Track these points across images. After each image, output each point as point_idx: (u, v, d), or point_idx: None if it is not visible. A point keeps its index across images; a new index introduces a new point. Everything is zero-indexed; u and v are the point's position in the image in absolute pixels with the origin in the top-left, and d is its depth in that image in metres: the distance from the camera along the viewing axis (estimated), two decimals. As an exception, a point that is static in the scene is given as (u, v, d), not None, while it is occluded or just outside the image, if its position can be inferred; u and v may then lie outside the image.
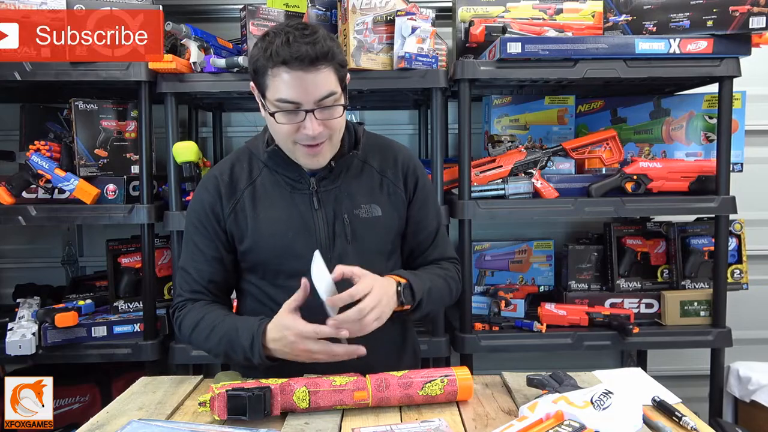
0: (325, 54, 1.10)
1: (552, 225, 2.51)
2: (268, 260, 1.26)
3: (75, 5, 1.80)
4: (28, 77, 1.81)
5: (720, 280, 1.95)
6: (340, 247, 1.25)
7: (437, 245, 1.37)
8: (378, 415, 1.08)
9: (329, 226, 1.25)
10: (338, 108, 1.16)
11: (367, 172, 1.31)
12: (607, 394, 0.97)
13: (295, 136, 1.17)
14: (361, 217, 1.27)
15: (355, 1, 1.81)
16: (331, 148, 1.22)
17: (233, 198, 1.27)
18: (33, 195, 1.97)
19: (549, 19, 2.04)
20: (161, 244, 2.10)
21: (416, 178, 1.34)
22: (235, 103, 2.38)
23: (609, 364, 2.57)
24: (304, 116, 1.13)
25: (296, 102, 1.12)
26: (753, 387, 2.19)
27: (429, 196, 1.37)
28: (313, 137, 1.15)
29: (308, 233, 1.25)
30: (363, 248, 1.26)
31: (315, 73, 1.10)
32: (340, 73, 1.16)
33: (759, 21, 1.74)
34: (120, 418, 1.08)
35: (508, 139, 2.11)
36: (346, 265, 1.18)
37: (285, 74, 1.10)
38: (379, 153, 1.33)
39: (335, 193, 1.27)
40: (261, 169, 1.29)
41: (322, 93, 1.12)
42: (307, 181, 1.26)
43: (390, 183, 1.31)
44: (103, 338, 1.95)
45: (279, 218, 1.25)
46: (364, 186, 1.29)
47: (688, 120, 2.17)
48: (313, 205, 1.26)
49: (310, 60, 1.09)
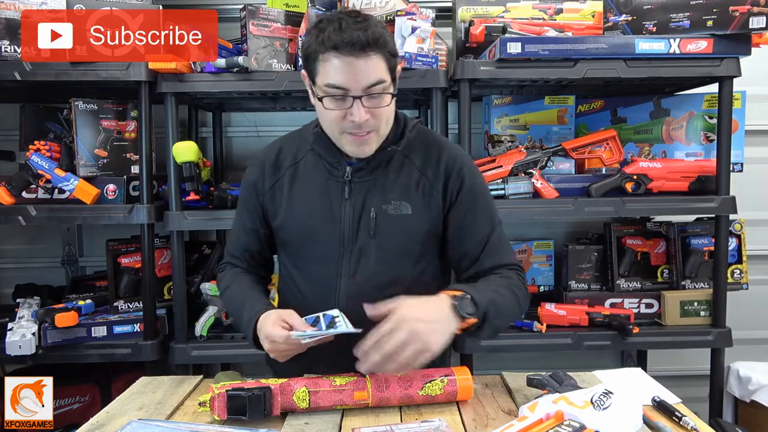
0: (376, 40, 1.10)
1: (552, 225, 2.51)
2: (292, 241, 1.30)
3: (75, 5, 1.80)
4: (28, 77, 1.82)
5: (720, 280, 1.95)
6: (362, 240, 1.24)
7: (491, 252, 1.26)
8: (378, 415, 1.08)
9: (355, 217, 1.24)
10: (386, 97, 1.15)
11: (407, 168, 1.26)
12: (607, 394, 0.97)
13: (341, 124, 1.16)
14: (389, 213, 1.24)
15: (355, 1, 1.81)
16: (378, 138, 1.20)
17: (275, 176, 1.30)
18: (33, 195, 1.97)
19: (549, 19, 2.04)
20: (161, 244, 2.10)
21: (461, 180, 1.26)
22: (235, 103, 2.38)
23: (609, 364, 2.56)
24: (351, 103, 1.13)
25: (344, 87, 1.12)
26: (753, 387, 2.18)
27: (477, 200, 1.28)
28: (360, 125, 1.14)
29: (333, 222, 1.25)
30: (385, 245, 1.24)
31: (365, 59, 1.10)
32: (390, 62, 1.15)
33: (759, 21, 1.74)
34: (120, 418, 1.08)
35: (508, 139, 2.11)
36: (367, 260, 1.22)
37: (335, 59, 1.10)
38: (424, 150, 1.28)
39: (368, 186, 1.25)
40: (306, 151, 1.30)
41: (371, 80, 1.12)
42: (342, 169, 1.25)
43: (428, 183, 1.26)
44: (103, 338, 1.95)
45: (309, 202, 1.27)
46: (400, 182, 1.25)
47: (688, 120, 2.17)
48: (344, 195, 1.25)
49: (360, 45, 1.08)
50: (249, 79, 1.87)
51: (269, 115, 2.51)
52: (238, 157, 2.53)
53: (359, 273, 1.24)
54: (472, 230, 1.27)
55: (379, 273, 1.25)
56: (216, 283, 1.43)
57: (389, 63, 1.14)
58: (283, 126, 2.51)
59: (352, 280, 1.24)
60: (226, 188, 2.03)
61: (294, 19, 1.95)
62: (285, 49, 1.93)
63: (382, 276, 1.25)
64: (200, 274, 2.17)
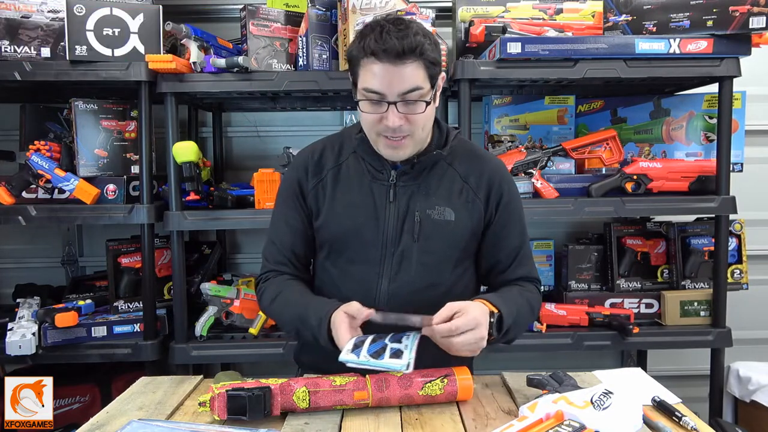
0: (413, 49, 1.12)
1: (552, 225, 2.51)
2: (334, 240, 1.31)
3: (75, 5, 1.80)
4: (28, 77, 1.82)
5: (720, 280, 1.95)
6: (405, 243, 1.27)
7: (520, 264, 1.33)
8: (378, 415, 1.08)
9: (399, 220, 1.26)
10: (421, 104, 1.17)
11: (450, 175, 1.30)
12: (607, 394, 0.97)
13: (377, 127, 1.19)
14: (433, 218, 1.26)
15: (355, 1, 1.81)
16: (413, 143, 1.22)
17: (318, 176, 1.32)
18: (33, 195, 1.97)
19: (549, 19, 2.04)
20: (161, 244, 2.10)
21: (501, 194, 1.31)
22: (235, 103, 2.38)
23: (609, 364, 2.56)
24: (386, 108, 1.16)
25: (380, 93, 1.15)
26: (753, 387, 2.18)
27: (513, 214, 1.33)
28: (394, 130, 1.17)
29: (377, 223, 1.27)
30: (428, 249, 1.27)
31: (401, 66, 1.12)
32: (430, 70, 1.16)
33: (759, 21, 1.74)
34: (120, 418, 1.08)
35: (508, 139, 2.11)
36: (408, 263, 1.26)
37: (373, 65, 1.14)
38: (468, 159, 1.32)
39: (412, 189, 1.27)
40: (349, 154, 1.32)
41: (406, 87, 1.14)
42: (388, 173, 1.28)
43: (470, 191, 1.29)
44: (103, 338, 1.95)
45: (353, 202, 1.29)
46: (443, 188, 1.28)
47: (688, 120, 2.17)
48: (389, 197, 1.27)
49: (396, 53, 1.11)
50: (249, 79, 1.87)
51: (269, 115, 2.51)
52: (238, 157, 2.53)
53: (401, 275, 1.27)
54: (507, 242, 1.32)
55: (419, 276, 1.27)
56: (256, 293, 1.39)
57: (428, 71, 1.16)
58: (283, 126, 2.52)
59: (393, 282, 1.27)
60: (226, 188, 2.03)
61: (294, 19, 1.95)
62: (285, 49, 1.93)
63: (422, 279, 1.28)
64: (200, 274, 2.17)
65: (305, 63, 1.90)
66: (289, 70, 1.93)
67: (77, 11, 1.81)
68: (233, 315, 2.00)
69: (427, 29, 1.20)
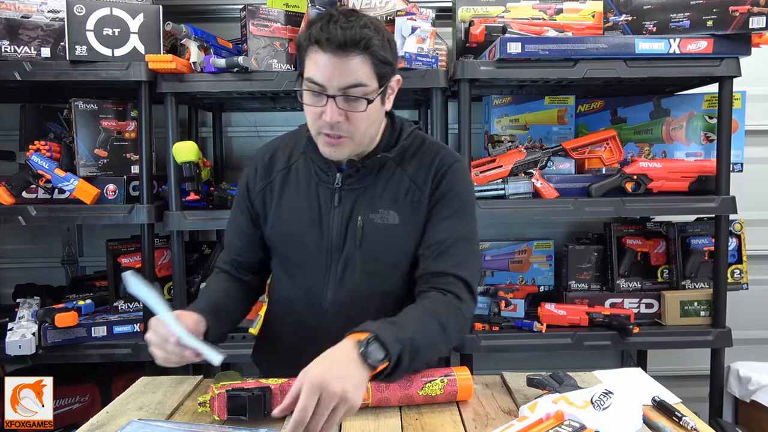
0: (357, 41, 1.05)
1: (552, 225, 2.51)
2: (280, 245, 1.28)
3: (75, 5, 1.80)
4: (28, 77, 1.82)
5: (720, 280, 1.95)
6: (348, 249, 1.21)
7: (441, 258, 1.18)
8: (378, 415, 1.08)
9: (342, 226, 1.21)
10: (363, 102, 1.10)
11: (397, 176, 1.22)
12: (607, 394, 0.97)
13: (317, 123, 1.13)
14: (375, 222, 1.20)
15: (355, 1, 1.81)
16: (352, 145, 1.15)
17: (267, 179, 1.29)
18: (33, 195, 1.96)
19: (549, 19, 2.04)
20: (161, 244, 2.10)
21: (439, 184, 1.21)
22: (235, 103, 2.38)
23: (609, 364, 2.56)
24: (325, 101, 1.10)
25: (320, 84, 1.09)
26: (753, 387, 2.18)
27: (451, 202, 1.21)
28: (331, 126, 1.11)
29: (321, 229, 1.23)
30: (371, 256, 1.21)
31: (344, 58, 1.06)
32: (378, 68, 1.09)
33: (759, 21, 1.74)
34: (120, 418, 1.08)
35: (508, 139, 2.11)
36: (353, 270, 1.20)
37: (316, 54, 1.08)
38: (419, 158, 1.24)
39: (357, 193, 1.22)
40: (299, 155, 1.28)
41: (348, 81, 1.08)
42: (333, 176, 1.22)
43: (417, 191, 1.21)
44: (103, 338, 1.95)
45: (299, 207, 1.25)
46: (389, 190, 1.21)
47: (688, 120, 2.16)
48: (333, 202, 1.22)
49: (338, 44, 1.05)
50: (249, 79, 1.87)
51: (269, 115, 2.51)
52: (238, 157, 2.53)
53: (345, 283, 1.22)
54: (433, 232, 1.20)
55: (365, 284, 1.21)
56: None
57: (376, 68, 1.09)
58: (283, 126, 2.51)
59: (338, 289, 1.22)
60: (226, 188, 2.03)
61: (294, 19, 1.95)
62: (285, 49, 1.93)
63: (369, 287, 1.21)
64: (200, 274, 2.17)
65: (305, 63, 1.90)
66: (289, 70, 1.93)
67: (77, 11, 1.81)
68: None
69: (382, 26, 1.13)
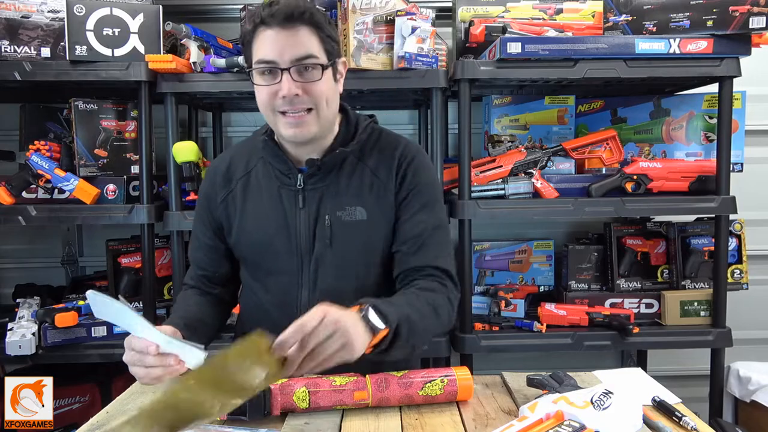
0: (302, 13, 1.09)
1: (552, 225, 2.51)
2: (248, 253, 1.27)
3: (75, 5, 1.80)
4: (28, 77, 1.82)
5: (720, 280, 1.95)
6: (318, 250, 1.21)
7: (418, 252, 1.19)
8: (378, 415, 1.08)
9: (310, 227, 1.21)
10: (317, 71, 1.11)
11: (359, 170, 1.22)
12: (607, 394, 0.97)
13: (274, 102, 1.13)
14: (343, 219, 1.20)
15: (355, 1, 1.81)
16: (317, 121, 1.15)
17: (227, 188, 1.27)
18: (33, 195, 1.96)
19: (549, 19, 2.04)
20: (161, 244, 2.10)
21: (404, 177, 1.22)
22: (235, 103, 2.38)
23: (609, 364, 2.56)
24: (280, 76, 1.11)
25: (272, 61, 1.10)
26: (753, 387, 2.18)
27: (420, 194, 1.22)
28: (291, 101, 1.11)
29: (289, 233, 1.22)
30: (343, 254, 1.20)
31: (291, 30, 1.09)
32: (326, 43, 1.13)
33: (759, 21, 1.74)
34: (120, 419, 1.07)
35: (508, 139, 2.11)
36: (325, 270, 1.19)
37: (262, 33, 1.11)
38: (378, 151, 1.24)
39: (321, 192, 1.21)
40: (257, 160, 1.27)
41: (299, 53, 1.10)
42: (294, 177, 1.22)
43: (381, 184, 1.22)
44: (103, 338, 1.95)
45: (263, 214, 1.23)
46: (353, 186, 1.21)
47: (688, 120, 2.16)
48: (298, 203, 1.21)
49: (284, 16, 1.08)
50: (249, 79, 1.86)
51: (269, 115, 2.51)
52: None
53: (319, 284, 1.21)
54: (408, 226, 1.21)
55: (340, 283, 1.21)
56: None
57: (324, 44, 1.13)
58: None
59: (313, 291, 1.21)
60: (226, 188, 2.03)
61: (294, 19, 1.95)
62: (285, 49, 1.93)
63: (344, 286, 1.21)
64: (200, 274, 2.17)
65: (305, 63, 1.90)
66: (289, 70, 1.92)
67: (77, 11, 1.81)
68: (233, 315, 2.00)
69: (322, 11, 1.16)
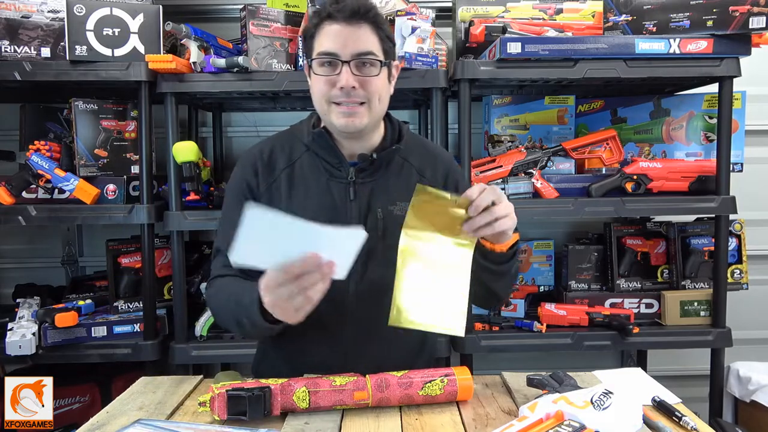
0: (368, 10, 1.15)
1: (552, 225, 2.51)
2: None
3: (75, 5, 1.80)
4: (28, 77, 1.82)
5: (720, 280, 1.95)
6: (369, 242, 1.20)
7: None
8: (378, 415, 1.08)
9: (361, 218, 1.24)
10: (375, 66, 1.17)
11: (406, 169, 1.29)
12: (607, 394, 0.97)
13: (330, 93, 1.18)
14: (395, 214, 1.25)
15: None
16: (369, 114, 1.20)
17: (270, 177, 1.28)
18: (33, 195, 1.96)
19: (549, 19, 2.04)
20: (161, 244, 2.10)
21: (456, 183, 1.32)
22: (235, 103, 2.38)
23: (609, 364, 2.56)
24: (339, 68, 1.16)
25: (334, 53, 1.16)
26: (753, 387, 2.18)
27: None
28: (347, 92, 1.16)
29: (339, 224, 1.22)
30: (393, 245, 1.21)
31: (356, 26, 1.15)
32: (384, 43, 1.19)
33: (759, 21, 1.74)
34: (120, 418, 1.08)
35: (508, 139, 2.11)
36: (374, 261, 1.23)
37: (328, 26, 1.16)
38: (419, 152, 1.32)
39: (372, 186, 1.26)
40: (302, 152, 1.29)
41: (360, 48, 1.15)
42: (346, 170, 1.25)
43: (427, 184, 1.26)
44: (103, 338, 1.95)
45: (312, 203, 1.25)
46: (401, 183, 1.27)
47: (688, 120, 2.17)
48: (349, 196, 1.25)
49: (351, 11, 1.14)
50: (249, 79, 1.87)
51: (269, 115, 2.51)
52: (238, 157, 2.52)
53: (368, 275, 1.25)
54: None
55: (385, 274, 1.23)
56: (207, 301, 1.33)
57: (383, 43, 1.18)
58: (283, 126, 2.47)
59: (361, 282, 1.24)
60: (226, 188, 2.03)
61: (294, 19, 1.95)
62: (285, 49, 1.93)
63: (389, 278, 1.22)
64: (200, 274, 2.17)
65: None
66: (289, 70, 1.93)
67: (77, 11, 1.81)
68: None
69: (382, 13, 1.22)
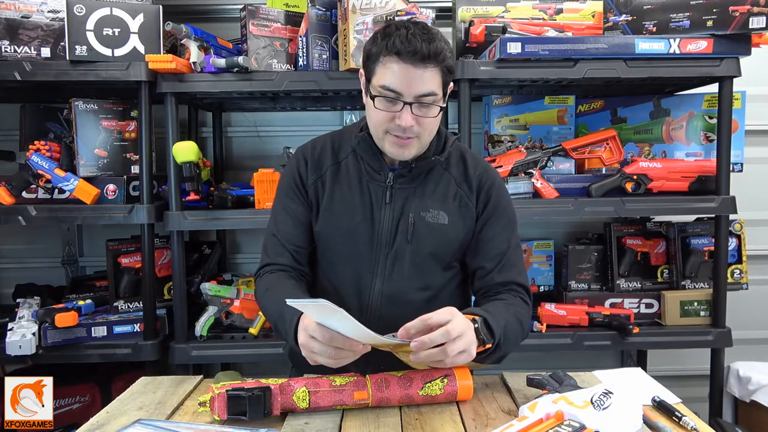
0: (437, 54, 1.15)
1: (552, 225, 2.51)
2: (330, 237, 1.32)
3: (75, 5, 1.80)
4: (28, 77, 1.82)
5: (720, 280, 1.95)
6: (398, 245, 1.29)
7: (504, 270, 1.31)
8: (378, 415, 1.08)
9: (394, 221, 1.29)
10: (435, 108, 1.20)
11: (445, 179, 1.33)
12: (607, 394, 0.97)
13: (388, 125, 1.21)
14: (427, 220, 1.29)
15: (355, 1, 1.81)
16: (419, 145, 1.24)
17: (318, 171, 1.34)
18: (33, 195, 1.97)
19: (549, 19, 2.04)
20: (161, 244, 2.10)
21: (489, 198, 1.33)
22: (235, 103, 2.38)
23: (609, 364, 2.56)
24: (401, 107, 1.18)
25: (398, 92, 1.17)
26: (753, 387, 2.18)
27: (501, 218, 1.33)
28: (404, 129, 1.19)
29: (372, 223, 1.29)
30: (420, 251, 1.29)
31: (423, 69, 1.16)
32: (445, 77, 1.20)
33: (759, 21, 1.74)
34: (120, 418, 1.08)
35: (508, 139, 2.11)
36: (401, 263, 1.27)
37: (395, 64, 1.16)
38: (463, 165, 1.35)
39: (408, 192, 1.30)
40: (348, 153, 1.35)
41: (423, 90, 1.17)
42: (385, 175, 1.30)
43: (464, 195, 1.32)
44: (103, 338, 1.95)
45: (351, 201, 1.30)
46: (439, 192, 1.31)
47: (688, 120, 2.17)
48: (385, 198, 1.29)
49: (421, 56, 1.14)
50: (249, 79, 1.87)
51: (269, 115, 2.51)
52: (238, 157, 2.53)
53: (394, 276, 1.29)
54: (491, 246, 1.32)
55: (412, 277, 1.29)
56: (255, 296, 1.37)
57: (444, 78, 1.20)
58: (283, 126, 2.52)
59: (387, 282, 1.29)
60: (226, 188, 2.03)
61: (294, 19, 1.95)
62: (285, 49, 1.93)
63: (415, 281, 1.30)
64: (200, 274, 2.17)
65: (305, 63, 1.90)
66: (289, 70, 1.93)
67: (77, 11, 1.81)
68: (233, 315, 2.01)
69: (446, 38, 1.22)
